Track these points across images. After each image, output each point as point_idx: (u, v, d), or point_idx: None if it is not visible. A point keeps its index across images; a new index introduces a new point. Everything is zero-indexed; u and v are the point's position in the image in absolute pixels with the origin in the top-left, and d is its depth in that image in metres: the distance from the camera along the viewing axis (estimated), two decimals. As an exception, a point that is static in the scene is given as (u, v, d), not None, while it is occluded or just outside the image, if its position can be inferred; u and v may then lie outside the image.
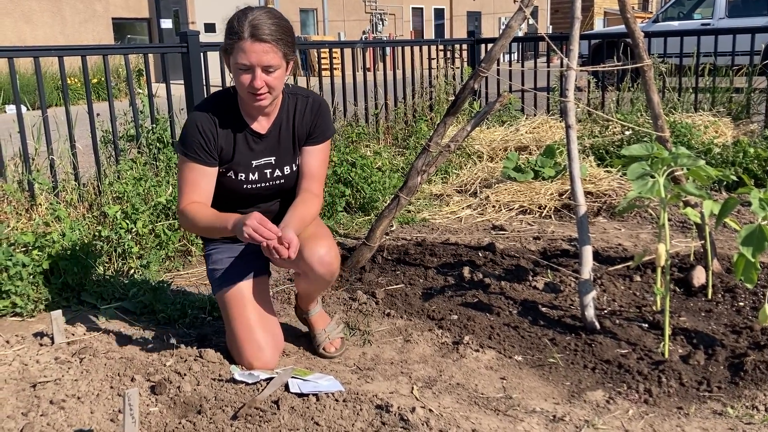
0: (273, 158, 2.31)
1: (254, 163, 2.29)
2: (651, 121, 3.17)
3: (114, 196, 3.66)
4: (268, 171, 2.32)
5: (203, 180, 2.24)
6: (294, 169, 2.38)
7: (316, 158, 2.38)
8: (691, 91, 6.45)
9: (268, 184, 2.35)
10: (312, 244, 2.26)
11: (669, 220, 3.74)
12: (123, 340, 2.58)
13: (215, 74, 4.48)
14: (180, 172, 2.26)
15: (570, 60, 2.79)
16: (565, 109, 2.77)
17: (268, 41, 2.07)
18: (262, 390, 2.16)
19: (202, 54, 4.35)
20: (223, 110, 2.25)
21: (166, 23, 17.88)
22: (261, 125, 2.29)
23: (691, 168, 2.47)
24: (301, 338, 2.65)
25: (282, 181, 2.37)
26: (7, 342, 2.54)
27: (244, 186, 2.32)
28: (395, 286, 3.14)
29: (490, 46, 4.09)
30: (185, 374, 2.26)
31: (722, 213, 2.36)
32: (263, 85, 2.10)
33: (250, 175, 2.30)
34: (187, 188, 2.23)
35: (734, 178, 2.63)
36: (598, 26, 28.22)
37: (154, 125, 4.12)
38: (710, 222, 3.01)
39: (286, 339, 2.61)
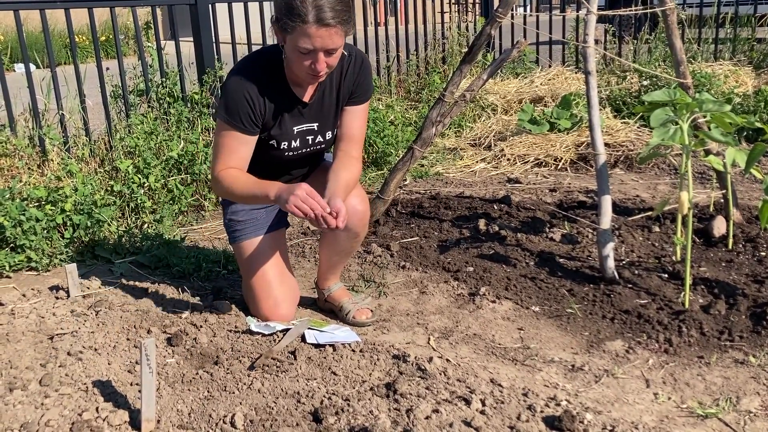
0: (316, 125, 2.24)
1: (296, 130, 2.22)
2: (669, 71, 3.08)
3: (125, 150, 3.63)
4: (310, 138, 2.26)
5: (243, 147, 2.15)
6: (335, 132, 2.32)
7: (356, 119, 2.29)
8: (711, 41, 6.28)
9: (308, 150, 2.30)
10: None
11: (688, 170, 3.67)
12: (138, 293, 2.57)
13: (224, 29, 4.40)
14: (218, 137, 2.16)
15: (590, 4, 2.70)
16: (585, 55, 2.68)
17: (333, 25, 1.92)
18: (279, 341, 2.16)
19: (210, 6, 4.27)
20: (270, 79, 2.14)
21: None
22: (306, 93, 2.20)
23: (715, 114, 2.39)
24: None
25: (323, 146, 2.33)
26: (24, 295, 2.55)
27: (285, 153, 2.26)
28: (410, 239, 3.11)
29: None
30: (201, 326, 2.26)
31: (751, 158, 2.29)
32: (325, 67, 2.01)
33: (292, 142, 2.24)
34: (223, 154, 2.14)
35: (759, 124, 2.55)
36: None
37: (164, 79, 4.06)
38: (732, 171, 2.94)
39: (302, 290, 2.60)
